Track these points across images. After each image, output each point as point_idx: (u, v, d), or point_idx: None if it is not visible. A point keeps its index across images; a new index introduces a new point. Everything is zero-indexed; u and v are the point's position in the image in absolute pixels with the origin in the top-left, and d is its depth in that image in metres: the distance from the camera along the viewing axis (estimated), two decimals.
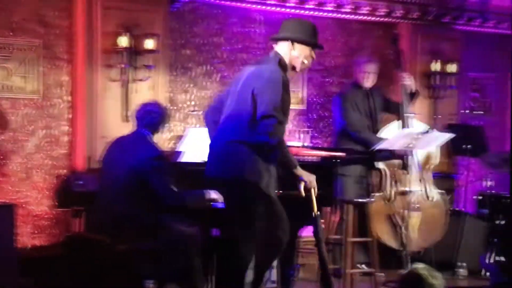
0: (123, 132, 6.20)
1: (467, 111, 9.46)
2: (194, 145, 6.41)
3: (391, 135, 7.45)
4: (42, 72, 7.10)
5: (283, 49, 5.37)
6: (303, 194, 5.36)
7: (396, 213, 7.55)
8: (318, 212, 5.47)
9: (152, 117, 5.81)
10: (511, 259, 7.43)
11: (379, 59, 8.10)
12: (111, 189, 5.73)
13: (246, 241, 5.25)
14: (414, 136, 7.18)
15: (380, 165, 7.65)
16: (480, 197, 8.41)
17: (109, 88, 7.13)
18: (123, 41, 7.07)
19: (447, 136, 7.68)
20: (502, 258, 7.72)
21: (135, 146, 5.78)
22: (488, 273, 7.76)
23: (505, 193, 8.32)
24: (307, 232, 7.10)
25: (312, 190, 5.37)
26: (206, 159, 6.05)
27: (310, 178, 5.34)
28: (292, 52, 5.35)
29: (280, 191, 5.78)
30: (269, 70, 5.22)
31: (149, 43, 7.17)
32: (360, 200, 6.97)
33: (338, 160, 6.70)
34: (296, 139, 7.95)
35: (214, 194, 5.88)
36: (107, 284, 5.91)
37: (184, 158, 6.35)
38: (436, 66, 8.86)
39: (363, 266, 7.45)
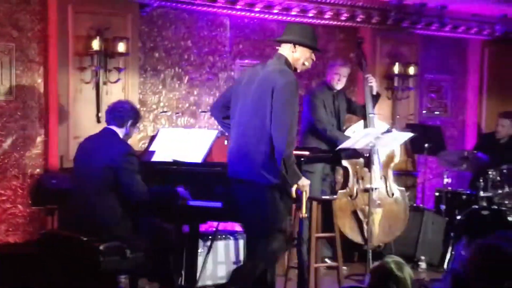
0: (95, 132, 6.16)
1: (426, 112, 9.52)
2: (164, 144, 6.36)
3: (355, 134, 7.47)
4: (16, 75, 7.02)
5: (286, 50, 5.49)
6: (294, 195, 5.33)
7: (359, 209, 7.58)
8: (307, 215, 5.46)
9: (117, 111, 5.78)
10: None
11: (343, 62, 8.13)
12: (84, 187, 5.68)
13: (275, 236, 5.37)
14: (376, 136, 7.22)
15: (344, 163, 7.67)
16: (438, 194, 8.46)
17: (81, 89, 7.07)
18: (95, 44, 7.01)
19: (407, 135, 7.73)
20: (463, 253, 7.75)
21: (105, 143, 5.74)
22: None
23: (462, 190, 8.40)
24: None
25: (304, 193, 5.34)
26: (177, 159, 6.05)
27: (304, 182, 5.34)
28: (294, 54, 5.48)
29: None
30: (285, 72, 5.33)
31: (120, 46, 7.12)
32: (324, 197, 6.98)
33: (303, 159, 6.70)
34: None
35: (182, 191, 5.87)
36: (81, 280, 5.86)
37: (154, 157, 6.30)
38: (396, 68, 8.90)
39: (328, 260, 7.47)
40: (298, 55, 5.47)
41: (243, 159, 5.36)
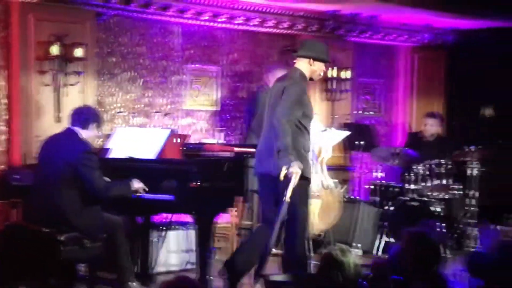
0: (56, 131, 6.16)
1: (360, 112, 9.66)
2: (120, 142, 6.39)
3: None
4: None
5: (304, 64, 6.02)
6: (282, 178, 5.52)
7: None
8: (289, 200, 5.53)
9: (82, 114, 5.81)
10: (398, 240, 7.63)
11: (283, 66, 8.24)
12: (46, 182, 5.69)
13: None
14: (316, 134, 7.31)
15: None
16: (372, 187, 8.59)
17: (42, 92, 7.05)
18: (55, 49, 7.00)
19: (344, 133, 7.86)
20: (392, 239, 7.91)
21: (67, 142, 5.76)
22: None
23: (393, 183, 8.55)
24: (222, 219, 7.19)
25: (293, 178, 5.49)
26: (132, 155, 6.10)
27: (294, 168, 5.52)
28: (312, 67, 6.01)
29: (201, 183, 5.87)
30: (296, 79, 5.92)
31: (78, 52, 7.12)
32: None
33: (249, 155, 6.78)
34: (211, 137, 8.03)
35: (137, 184, 5.91)
36: (43, 268, 5.86)
37: (111, 154, 6.33)
38: (332, 72, 9.01)
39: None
40: (315, 68, 6.00)
41: (267, 157, 5.81)
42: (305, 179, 5.76)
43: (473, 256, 4.76)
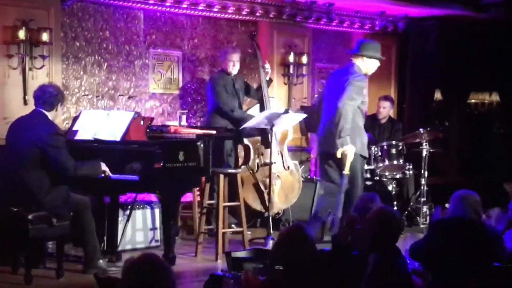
0: (23, 113, 6.09)
1: (317, 95, 9.68)
2: (86, 124, 6.32)
3: (256, 115, 7.56)
4: None
5: (359, 61, 7.12)
6: (339, 155, 6.87)
7: (260, 181, 7.68)
8: (348, 172, 6.88)
9: (47, 96, 5.74)
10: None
11: (243, 51, 8.24)
12: (15, 163, 5.63)
13: None
14: (274, 116, 7.33)
15: (246, 141, 7.75)
16: None
17: (9, 75, 6.93)
18: (21, 34, 6.87)
19: (301, 116, 7.88)
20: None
21: (34, 123, 5.71)
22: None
23: None
24: (185, 199, 7.19)
25: (348, 155, 6.83)
26: (98, 137, 6.05)
27: (349, 147, 6.83)
28: (366, 64, 7.13)
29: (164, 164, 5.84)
30: (355, 73, 7.06)
31: (44, 36, 7.00)
32: (230, 170, 7.06)
33: (211, 137, 6.76)
34: (174, 119, 7.98)
35: (104, 166, 5.86)
36: (12, 246, 5.80)
37: (77, 136, 6.26)
38: (291, 58, 8.99)
39: (234, 226, 7.56)
40: (368, 65, 7.15)
41: (327, 138, 6.96)
42: (360, 156, 7.02)
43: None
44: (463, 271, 4.19)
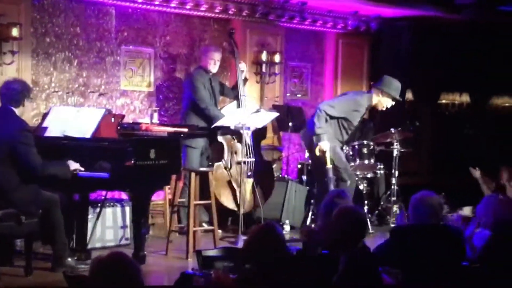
0: None
1: (289, 94, 9.69)
2: (56, 121, 6.25)
3: (229, 114, 7.54)
4: None
5: (376, 92, 7.53)
6: (318, 152, 7.24)
7: (233, 180, 7.66)
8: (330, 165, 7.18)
9: (13, 93, 5.67)
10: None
11: (219, 49, 8.20)
12: None
13: None
14: (247, 115, 7.32)
15: (220, 139, 7.72)
16: (301, 166, 8.65)
17: None
18: None
19: (273, 115, 7.88)
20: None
21: (2, 120, 5.64)
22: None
23: None
24: (156, 197, 7.14)
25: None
26: (68, 134, 5.99)
27: (321, 146, 7.24)
28: (379, 99, 7.50)
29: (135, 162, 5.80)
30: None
31: (14, 31, 6.93)
32: (202, 169, 7.03)
33: (182, 135, 6.73)
34: (146, 117, 7.93)
35: (74, 165, 5.81)
36: None
37: (47, 133, 6.19)
38: (263, 56, 8.99)
39: (205, 224, 7.53)
40: (382, 101, 7.51)
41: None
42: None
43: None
44: (432, 273, 4.22)
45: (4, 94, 5.71)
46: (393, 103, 7.57)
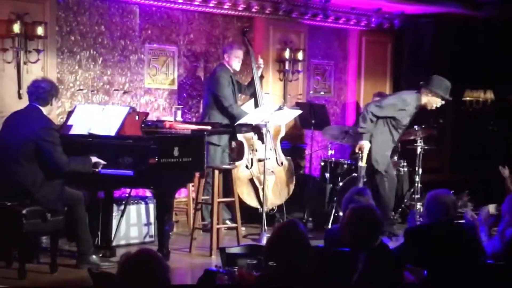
0: (18, 107, 6.11)
1: (312, 92, 9.68)
2: (80, 119, 6.30)
3: (252, 111, 7.55)
4: None
5: (424, 92, 7.54)
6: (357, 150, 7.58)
7: (255, 177, 7.68)
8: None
9: (40, 92, 5.73)
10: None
11: (241, 47, 8.20)
12: (9, 158, 5.62)
13: None
14: (270, 113, 7.32)
15: (239, 137, 7.73)
16: (323, 163, 8.62)
17: (4, 69, 6.91)
18: (16, 27, 6.85)
19: (296, 112, 7.88)
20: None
21: (29, 118, 5.72)
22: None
23: (343, 160, 8.58)
24: (179, 194, 7.18)
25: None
26: (92, 132, 6.03)
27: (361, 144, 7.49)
28: (429, 98, 7.53)
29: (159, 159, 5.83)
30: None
31: (39, 30, 6.98)
32: (225, 166, 7.05)
33: (206, 133, 6.76)
34: (170, 115, 7.95)
35: (95, 159, 5.85)
36: (7, 241, 5.78)
37: (72, 131, 6.24)
38: (286, 54, 8.99)
39: (228, 221, 7.55)
40: (432, 100, 7.54)
41: None
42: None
43: None
44: (449, 272, 4.21)
45: (32, 93, 5.77)
46: (443, 102, 7.59)
